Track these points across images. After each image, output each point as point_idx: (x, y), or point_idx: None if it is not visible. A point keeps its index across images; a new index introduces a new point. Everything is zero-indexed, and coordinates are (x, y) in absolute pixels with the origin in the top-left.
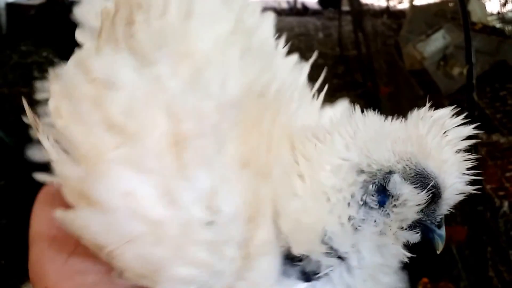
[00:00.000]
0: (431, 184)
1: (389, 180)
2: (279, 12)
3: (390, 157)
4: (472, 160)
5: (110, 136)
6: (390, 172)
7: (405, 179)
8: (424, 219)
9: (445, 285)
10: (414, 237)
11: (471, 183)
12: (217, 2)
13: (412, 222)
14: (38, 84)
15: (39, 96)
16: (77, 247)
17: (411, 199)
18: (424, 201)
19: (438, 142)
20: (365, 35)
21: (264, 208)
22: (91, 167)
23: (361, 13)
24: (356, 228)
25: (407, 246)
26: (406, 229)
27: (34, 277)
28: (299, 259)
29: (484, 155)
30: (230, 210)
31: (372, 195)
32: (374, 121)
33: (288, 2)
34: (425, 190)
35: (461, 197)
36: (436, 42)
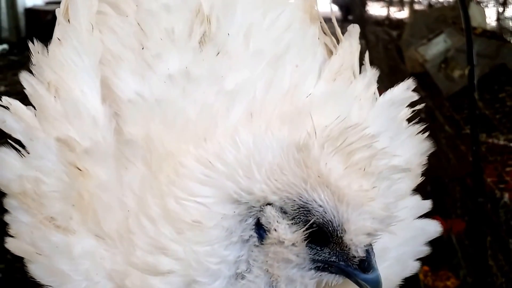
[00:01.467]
0: (312, 221)
1: (264, 214)
2: None
3: (264, 186)
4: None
5: None
6: (268, 204)
7: (285, 213)
8: (331, 260)
9: (445, 274)
10: (318, 279)
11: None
12: None
13: (320, 263)
14: None
15: None
16: None
17: (286, 237)
18: (303, 240)
19: (335, 166)
20: (367, 42)
21: None
22: None
23: (363, 21)
24: (237, 275)
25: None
26: (304, 269)
27: None
28: None
29: (484, 152)
30: None
31: (252, 230)
32: (258, 143)
33: None
34: (304, 228)
35: (370, 239)
36: (437, 45)
